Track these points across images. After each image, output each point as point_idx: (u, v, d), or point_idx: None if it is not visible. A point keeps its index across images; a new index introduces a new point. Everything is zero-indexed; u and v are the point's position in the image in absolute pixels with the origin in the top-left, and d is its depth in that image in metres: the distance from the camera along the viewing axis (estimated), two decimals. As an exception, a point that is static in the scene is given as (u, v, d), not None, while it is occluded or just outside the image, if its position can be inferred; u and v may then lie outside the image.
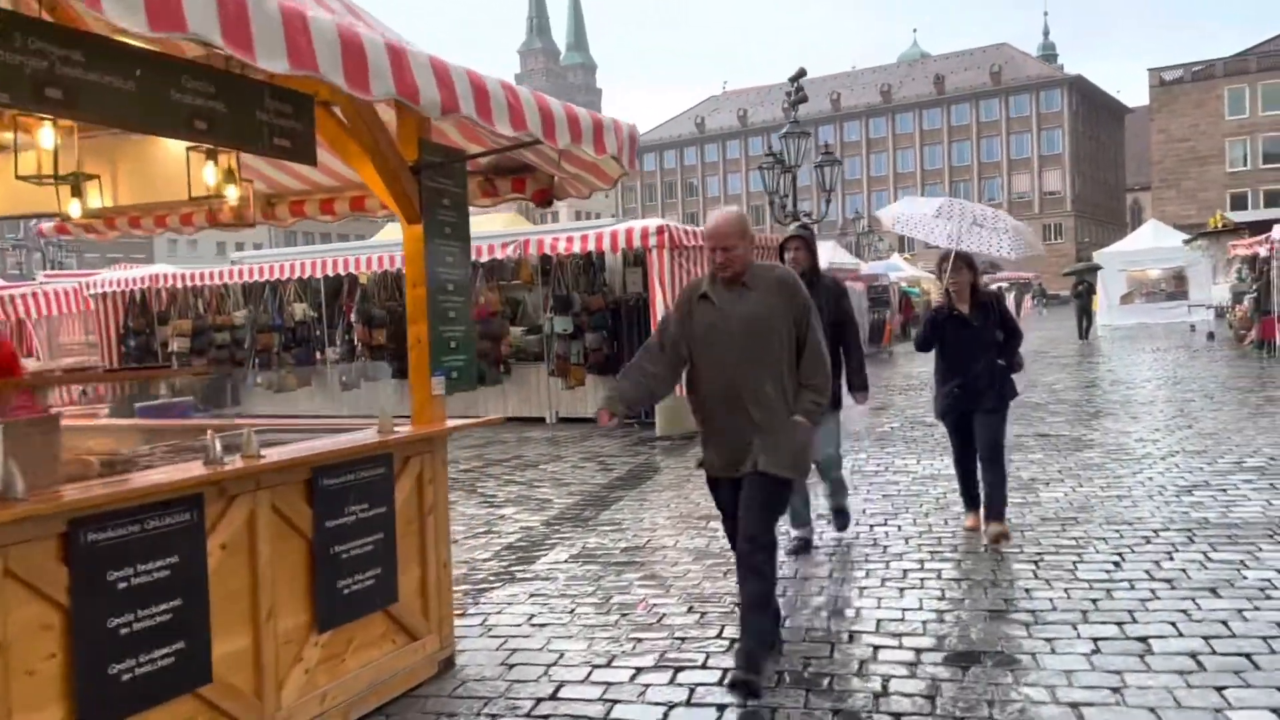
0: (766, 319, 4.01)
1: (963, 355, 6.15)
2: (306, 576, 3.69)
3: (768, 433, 4.00)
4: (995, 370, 6.15)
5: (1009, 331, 6.28)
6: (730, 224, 4.03)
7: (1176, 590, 5.04)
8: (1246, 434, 9.88)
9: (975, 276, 6.22)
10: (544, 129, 3.51)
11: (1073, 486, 7.76)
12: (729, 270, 4.02)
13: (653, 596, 5.43)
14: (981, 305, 6.17)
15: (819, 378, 4.07)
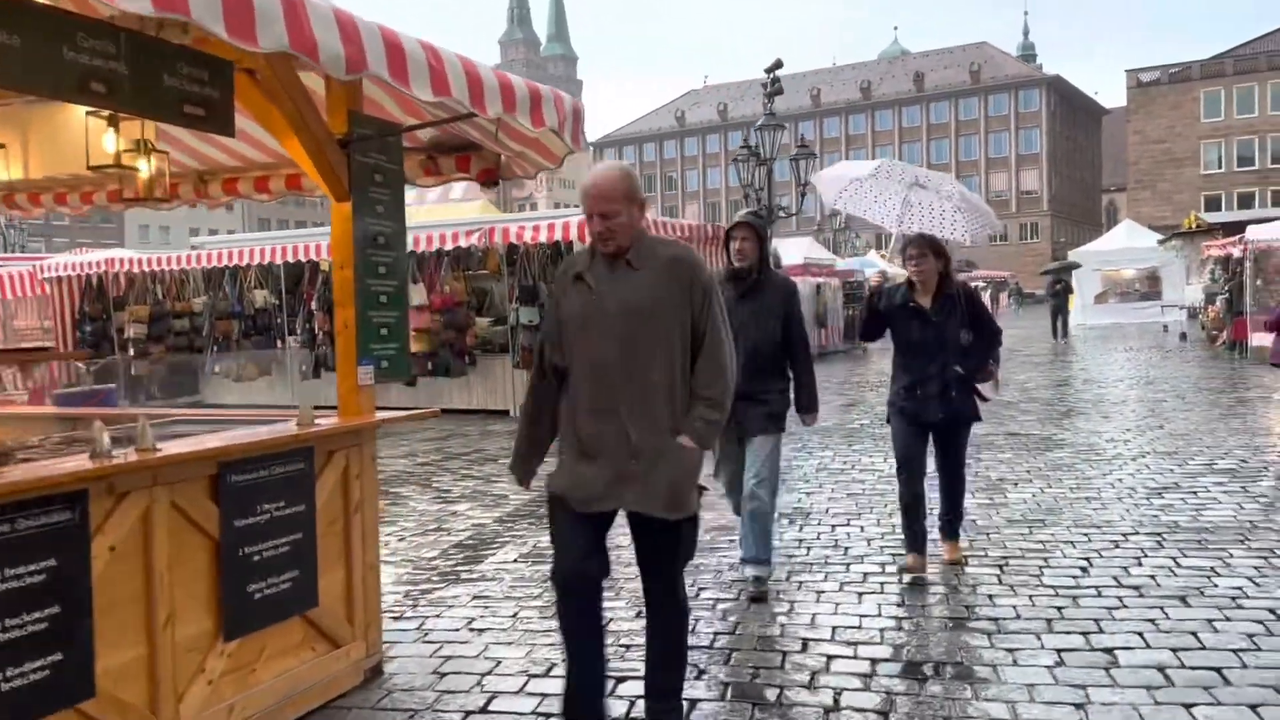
0: (653, 308, 3.17)
1: (916, 355, 5.26)
2: (212, 580, 3.40)
3: (646, 457, 3.16)
4: (952, 378, 5.18)
5: (980, 331, 5.34)
6: (612, 182, 3.18)
7: (1145, 598, 4.84)
8: (1218, 435, 9.74)
9: (946, 265, 5.25)
10: (471, 96, 3.23)
11: (1041, 487, 7.56)
12: (610, 242, 3.19)
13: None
14: (946, 299, 5.22)
15: (717, 388, 3.23)
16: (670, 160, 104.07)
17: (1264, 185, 64.25)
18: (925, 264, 5.21)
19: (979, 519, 6.58)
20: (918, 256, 5.21)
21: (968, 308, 5.28)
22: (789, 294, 5.16)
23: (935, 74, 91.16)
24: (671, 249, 3.32)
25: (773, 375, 5.07)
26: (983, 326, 5.37)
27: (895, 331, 5.36)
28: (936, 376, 5.18)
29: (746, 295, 5.02)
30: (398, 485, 8.75)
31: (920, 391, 5.22)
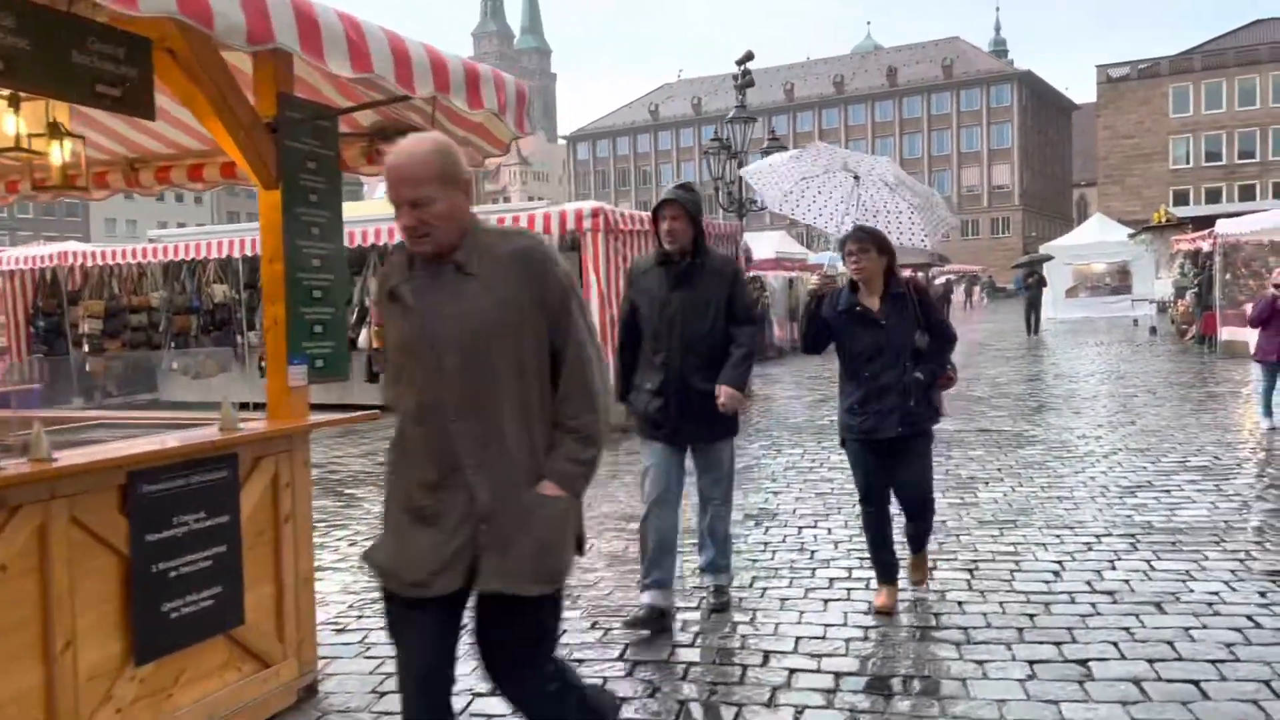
0: (495, 325, 2.41)
1: (867, 365, 4.57)
2: (121, 600, 3.14)
3: (500, 520, 2.41)
4: (909, 386, 4.55)
5: (935, 333, 4.64)
6: (420, 159, 2.38)
7: (1119, 604, 4.66)
8: (1189, 431, 9.64)
9: (891, 261, 4.60)
10: (398, 73, 2.98)
11: (1012, 486, 7.40)
12: (426, 240, 2.40)
13: (555, 609, 4.92)
14: (894, 299, 4.57)
15: (587, 418, 2.48)
16: (644, 154, 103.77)
17: (1231, 180, 64.87)
18: (867, 260, 4.52)
19: (949, 520, 6.39)
20: (858, 252, 4.51)
21: (920, 306, 4.63)
22: (731, 277, 4.52)
23: (908, 69, 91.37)
24: (515, 241, 2.50)
25: (718, 367, 4.44)
26: (937, 326, 4.68)
27: (840, 340, 4.66)
28: (894, 386, 4.52)
29: (680, 282, 4.42)
30: (353, 486, 8.48)
31: (876, 405, 4.55)
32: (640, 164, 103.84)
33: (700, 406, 4.41)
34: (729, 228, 14.79)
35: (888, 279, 4.61)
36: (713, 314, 4.43)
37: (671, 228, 4.38)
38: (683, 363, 4.42)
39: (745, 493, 7.58)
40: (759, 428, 11.15)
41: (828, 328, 4.69)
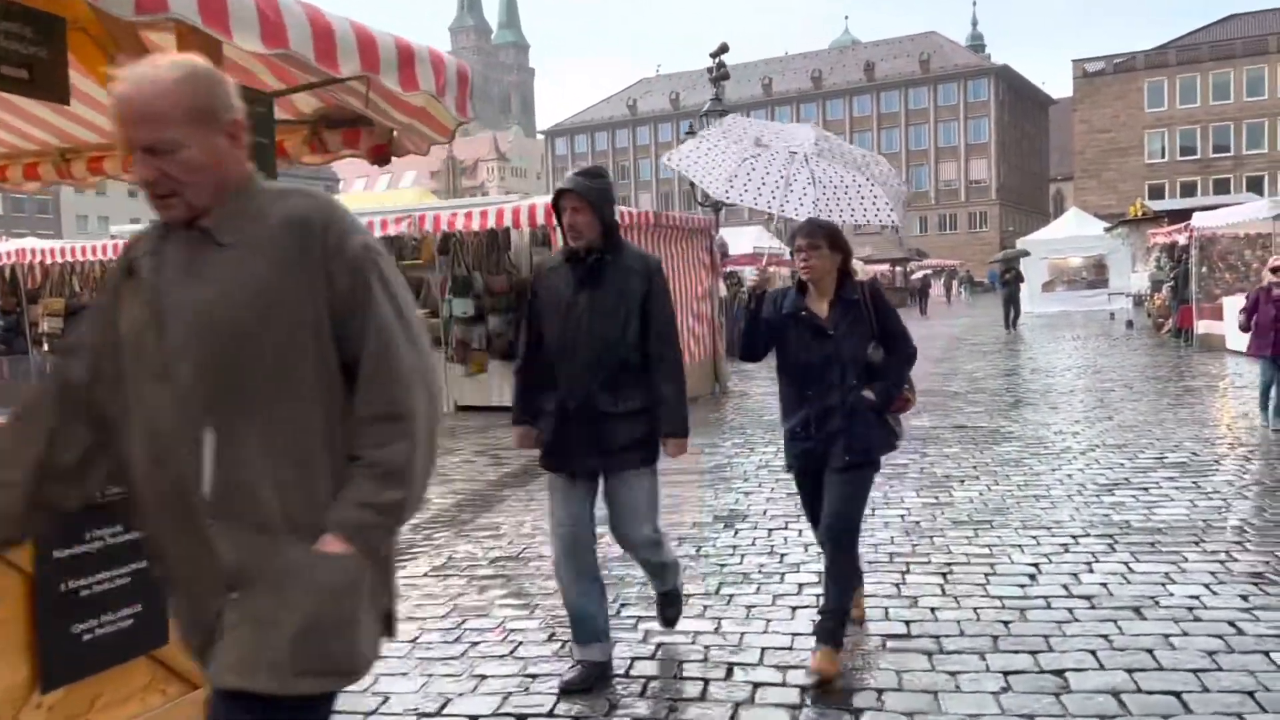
0: (253, 316, 1.76)
1: (810, 378, 3.93)
2: (27, 623, 2.90)
3: (250, 587, 1.76)
4: (859, 406, 3.88)
5: (891, 344, 3.99)
6: (161, 90, 1.73)
7: (1097, 610, 4.49)
8: (1167, 426, 9.52)
9: (846, 260, 3.96)
10: (317, 50, 2.75)
11: (988, 484, 7.24)
12: (172, 203, 1.78)
13: (512, 619, 4.72)
14: (846, 305, 3.92)
15: (393, 445, 1.78)
16: (623, 149, 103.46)
17: (1205, 174, 65.29)
18: (818, 258, 3.89)
19: (922, 521, 6.23)
20: (808, 248, 3.88)
21: (877, 314, 3.95)
22: (649, 274, 3.81)
23: (885, 63, 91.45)
24: (292, 202, 1.84)
25: (633, 386, 3.78)
26: (895, 340, 4.00)
27: (782, 349, 4.03)
28: (839, 408, 3.86)
29: (587, 282, 3.77)
30: (314, 489, 8.21)
31: (818, 429, 3.89)
32: (619, 159, 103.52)
33: (607, 432, 3.73)
34: (702, 222, 14.59)
35: (841, 281, 3.96)
36: (624, 318, 3.75)
37: (573, 221, 3.73)
38: (588, 377, 3.72)
39: (716, 493, 7.40)
40: (733, 425, 10.97)
41: (771, 331, 4.04)
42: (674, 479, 7.89)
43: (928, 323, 32.02)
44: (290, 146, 4.46)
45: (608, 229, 3.77)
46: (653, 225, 12.84)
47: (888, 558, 5.46)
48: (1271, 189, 55.89)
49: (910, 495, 6.98)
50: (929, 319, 34.40)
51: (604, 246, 3.77)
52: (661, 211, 14.12)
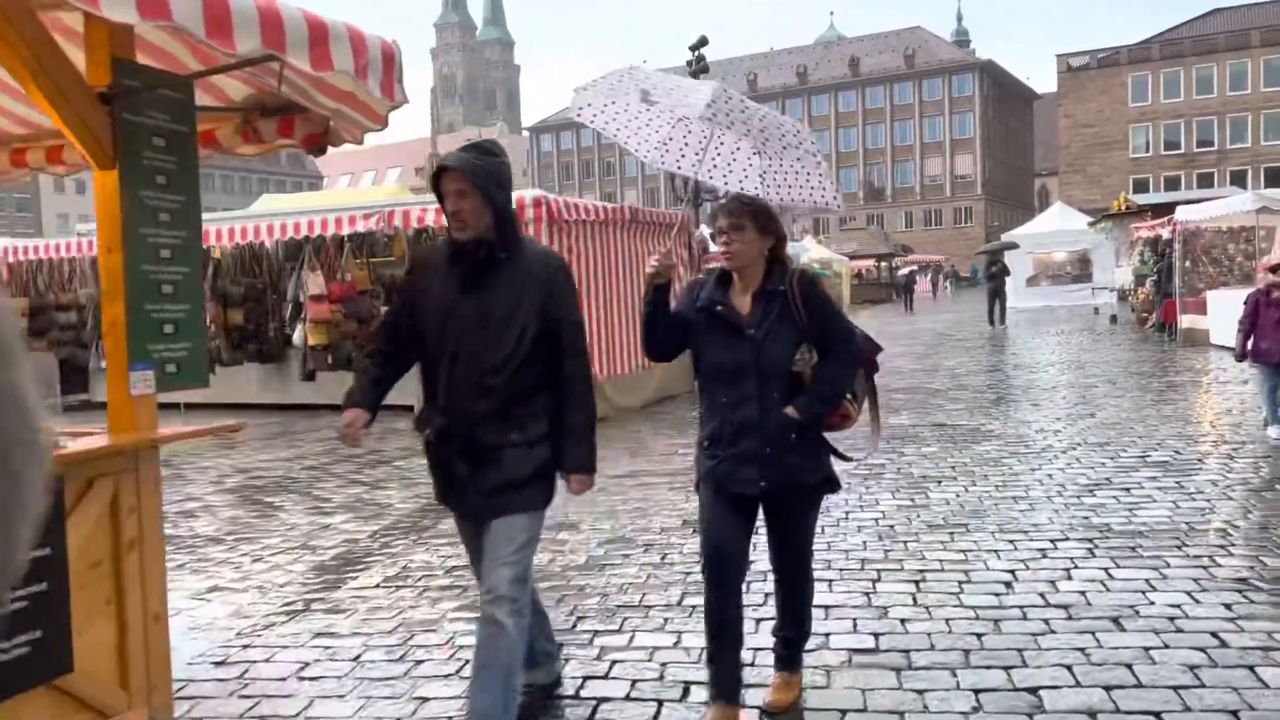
0: None
1: (727, 388, 3.28)
2: (-97, 653, 2.65)
3: None
4: (781, 425, 3.22)
5: (828, 347, 3.28)
6: None
7: (1074, 621, 4.28)
8: (1149, 424, 9.34)
9: (777, 246, 3.30)
10: (207, 24, 2.49)
11: (966, 485, 7.03)
12: None
13: (462, 635, 4.48)
14: (770, 299, 3.26)
15: None
16: (608, 145, 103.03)
17: (1189, 168, 65.40)
18: (741, 241, 3.24)
19: (896, 525, 6.01)
20: (730, 229, 3.24)
21: (808, 310, 3.25)
22: (551, 275, 3.19)
23: (870, 59, 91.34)
24: None
25: (527, 413, 3.15)
26: (834, 339, 3.28)
27: (697, 349, 3.39)
28: (757, 423, 3.22)
29: (472, 284, 3.11)
30: (273, 494, 7.96)
31: (733, 446, 3.26)
32: (604, 155, 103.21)
33: (493, 469, 3.10)
34: (680, 217, 14.33)
35: (770, 270, 3.30)
36: (516, 332, 3.08)
37: (457, 207, 3.04)
38: (470, 402, 3.08)
39: (687, 495, 7.17)
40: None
41: (681, 326, 3.37)
42: (644, 481, 7.66)
43: (912, 318, 31.89)
44: (222, 136, 4.20)
45: (501, 219, 3.07)
46: (629, 220, 12.62)
47: (859, 564, 5.25)
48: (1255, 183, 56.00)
49: (886, 497, 6.77)
50: (914, 315, 34.25)
51: (496, 240, 3.08)
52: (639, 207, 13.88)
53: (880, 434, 3.64)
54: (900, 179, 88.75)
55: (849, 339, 3.32)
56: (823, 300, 3.31)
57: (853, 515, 6.29)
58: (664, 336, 3.39)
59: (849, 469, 7.74)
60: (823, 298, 3.32)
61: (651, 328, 3.36)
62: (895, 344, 21.34)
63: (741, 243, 3.25)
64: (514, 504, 3.13)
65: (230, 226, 12.80)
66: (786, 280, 3.28)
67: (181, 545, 6.38)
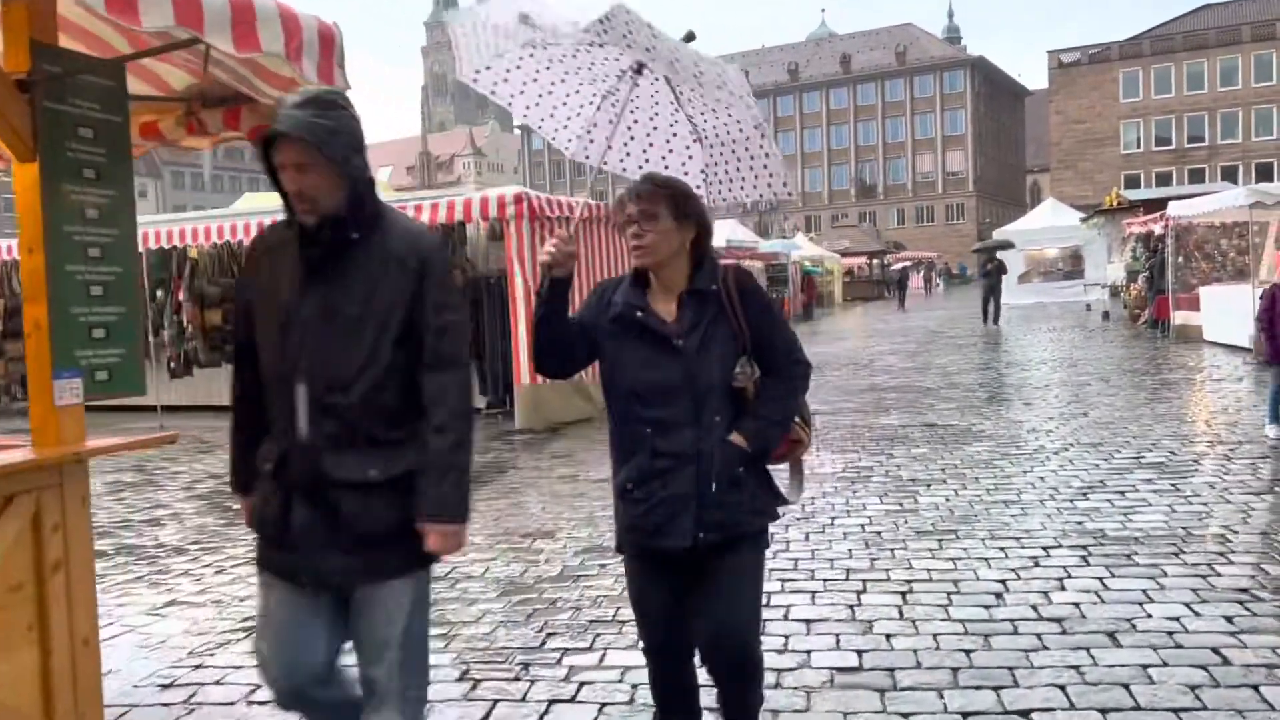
0: None
1: (646, 414, 2.64)
2: None
3: None
4: (719, 460, 2.60)
5: (770, 359, 2.71)
6: None
7: (1068, 635, 4.07)
8: (1144, 423, 9.14)
9: (701, 236, 2.70)
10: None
11: (956, 489, 6.82)
12: None
13: (425, 652, 4.24)
14: (700, 301, 2.67)
15: None
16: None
17: (1181, 164, 65.40)
18: (655, 232, 2.61)
19: (884, 531, 5.80)
20: (642, 217, 2.61)
21: (747, 315, 2.66)
22: (422, 263, 2.42)
23: (862, 55, 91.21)
24: None
25: (392, 441, 2.42)
26: (775, 352, 2.71)
27: (611, 367, 2.72)
28: (690, 457, 2.59)
29: (318, 275, 2.40)
30: (244, 500, 7.71)
31: (662, 490, 2.60)
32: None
33: (350, 516, 2.38)
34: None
35: (695, 267, 2.70)
36: (373, 333, 2.36)
37: (297, 185, 2.33)
38: (312, 427, 2.38)
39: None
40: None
41: (582, 336, 2.71)
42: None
43: (905, 316, 31.74)
44: (165, 128, 3.97)
45: (357, 190, 2.37)
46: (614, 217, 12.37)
47: (843, 574, 5.03)
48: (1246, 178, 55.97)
49: (873, 502, 6.55)
50: (906, 312, 34.10)
51: (348, 217, 2.36)
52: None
53: (803, 479, 2.92)
54: (892, 176, 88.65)
55: (794, 353, 2.74)
56: (764, 303, 2.73)
57: (838, 521, 6.07)
58: (560, 346, 2.69)
59: (836, 471, 7.55)
60: (764, 300, 2.74)
61: (543, 332, 2.64)
62: (887, 341, 21.16)
63: (656, 233, 2.61)
64: (384, 567, 2.39)
65: (206, 226, 12.55)
66: (718, 278, 2.69)
67: (143, 556, 6.15)
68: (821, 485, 7.10)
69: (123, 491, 8.30)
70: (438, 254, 2.49)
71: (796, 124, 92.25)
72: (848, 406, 11.22)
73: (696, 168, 3.11)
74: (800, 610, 4.53)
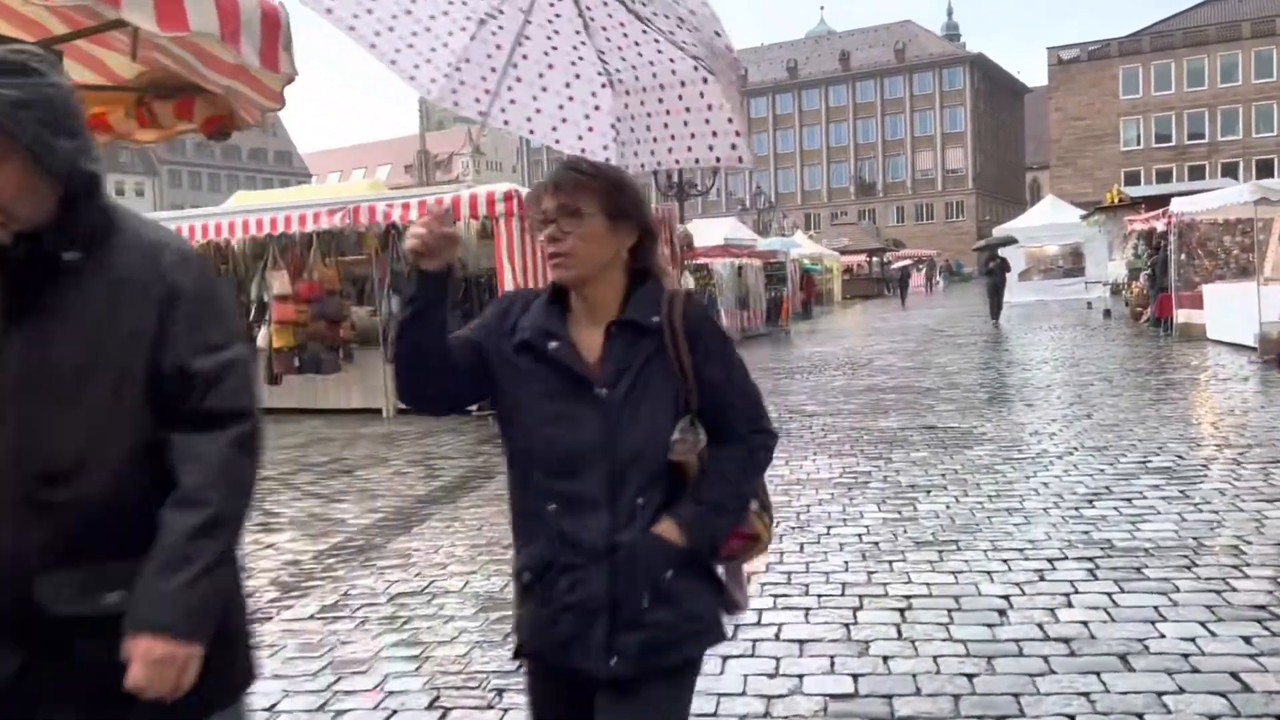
0: None
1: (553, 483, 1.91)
2: None
3: None
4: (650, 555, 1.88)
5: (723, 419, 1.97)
6: None
7: (1076, 658, 3.83)
8: (1149, 425, 8.90)
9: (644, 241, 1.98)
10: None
11: (956, 496, 6.58)
12: None
13: (395, 677, 4.01)
14: (630, 334, 1.94)
15: None
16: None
17: (1181, 161, 65.17)
18: (578, 234, 1.91)
19: (881, 542, 5.56)
20: (560, 212, 1.92)
21: (696, 359, 1.94)
22: (168, 287, 1.73)
23: (861, 53, 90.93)
24: None
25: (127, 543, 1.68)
26: (735, 413, 2.00)
27: (508, 411, 1.99)
28: (605, 550, 1.88)
29: (22, 313, 1.70)
30: (222, 508, 7.46)
31: (563, 594, 1.90)
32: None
33: (80, 665, 1.69)
34: (661, 211, 13.87)
35: (633, 288, 1.98)
36: (102, 398, 1.70)
37: None
38: (17, 535, 1.66)
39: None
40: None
41: (470, 363, 1.97)
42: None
43: (905, 314, 31.51)
44: (115, 120, 3.72)
45: (70, 193, 1.69)
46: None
47: (839, 589, 4.79)
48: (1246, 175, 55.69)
49: (870, 510, 6.31)
50: (907, 310, 33.87)
51: (63, 233, 1.69)
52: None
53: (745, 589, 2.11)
54: (891, 174, 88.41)
55: (758, 418, 2.01)
56: (721, 347, 1.98)
57: (834, 530, 5.83)
58: (427, 368, 1.93)
59: (833, 477, 7.31)
60: (721, 342, 1.99)
61: (403, 345, 1.92)
62: (886, 340, 20.92)
63: (579, 237, 1.89)
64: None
65: (192, 224, 12.29)
66: (663, 306, 1.94)
67: (111, 568, 5.90)
68: (818, 492, 6.87)
69: None
70: (193, 271, 1.77)
71: (795, 122, 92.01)
72: (846, 408, 10.98)
73: (605, 122, 2.42)
74: (793, 629, 4.29)
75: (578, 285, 1.96)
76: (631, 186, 2.01)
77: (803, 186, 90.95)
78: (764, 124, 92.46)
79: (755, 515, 2.05)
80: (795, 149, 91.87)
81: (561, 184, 1.93)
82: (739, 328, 22.79)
